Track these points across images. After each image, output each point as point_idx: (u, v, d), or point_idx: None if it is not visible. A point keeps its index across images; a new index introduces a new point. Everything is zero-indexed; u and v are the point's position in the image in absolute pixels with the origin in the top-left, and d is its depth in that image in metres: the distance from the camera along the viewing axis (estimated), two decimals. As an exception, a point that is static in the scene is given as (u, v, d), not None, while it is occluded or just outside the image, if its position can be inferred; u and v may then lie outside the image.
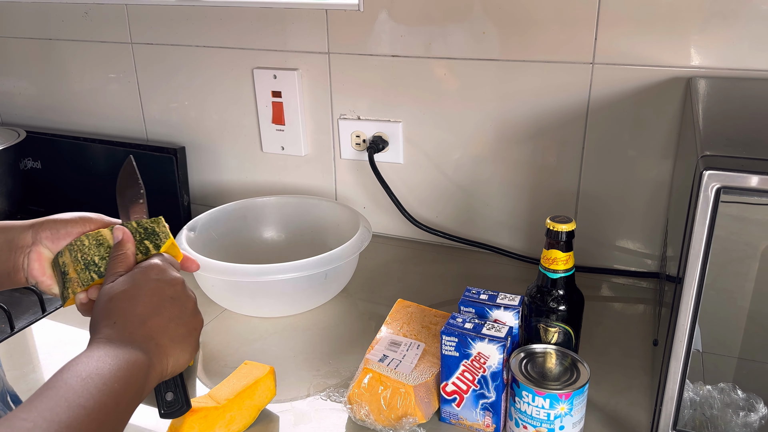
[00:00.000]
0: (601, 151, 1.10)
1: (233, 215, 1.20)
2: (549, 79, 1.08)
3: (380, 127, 1.23)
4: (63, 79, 1.48)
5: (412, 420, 0.77)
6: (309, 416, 0.83)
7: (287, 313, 1.05)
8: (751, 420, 0.72)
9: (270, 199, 1.23)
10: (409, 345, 0.85)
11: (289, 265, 0.97)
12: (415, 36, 1.14)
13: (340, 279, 1.07)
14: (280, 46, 1.25)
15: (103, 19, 1.37)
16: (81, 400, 0.49)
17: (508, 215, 1.20)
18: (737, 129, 0.76)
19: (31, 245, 0.69)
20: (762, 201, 0.64)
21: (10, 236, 0.69)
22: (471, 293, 0.85)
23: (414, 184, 1.25)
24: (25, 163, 1.50)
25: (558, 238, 0.80)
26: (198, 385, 0.90)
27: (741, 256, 0.68)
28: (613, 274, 1.14)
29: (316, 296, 1.06)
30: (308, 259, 0.98)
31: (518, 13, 1.06)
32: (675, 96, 1.02)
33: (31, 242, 0.69)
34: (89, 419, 0.49)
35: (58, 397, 0.49)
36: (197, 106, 1.37)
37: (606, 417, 0.82)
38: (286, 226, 1.23)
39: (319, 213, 1.21)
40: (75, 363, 0.53)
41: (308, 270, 0.98)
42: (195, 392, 0.88)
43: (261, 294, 1.02)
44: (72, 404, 0.49)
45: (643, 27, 1.00)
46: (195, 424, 0.75)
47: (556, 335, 0.83)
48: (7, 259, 0.69)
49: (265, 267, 0.98)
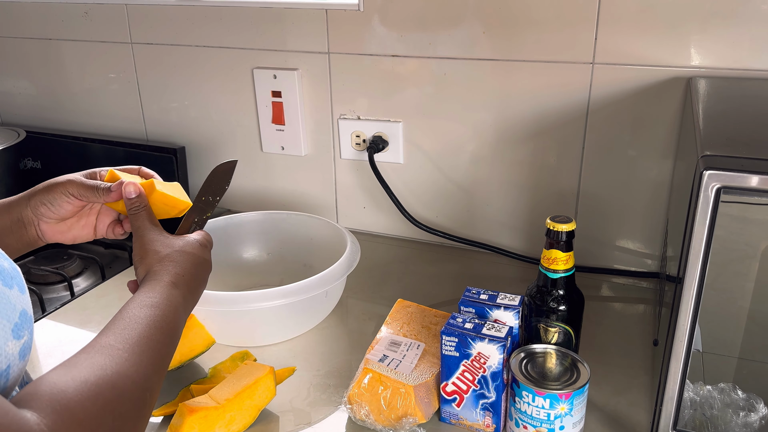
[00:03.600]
0: (601, 151, 1.10)
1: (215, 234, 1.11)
2: (549, 79, 1.08)
3: (380, 127, 1.23)
4: (63, 79, 1.48)
5: (412, 420, 0.77)
6: (309, 416, 0.83)
7: (286, 338, 0.99)
8: (751, 420, 0.72)
9: (251, 215, 1.16)
10: (409, 345, 0.85)
11: (286, 288, 0.91)
12: (415, 36, 1.14)
13: (335, 296, 1.03)
14: (280, 46, 1.25)
15: (103, 19, 1.37)
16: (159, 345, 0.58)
17: (508, 215, 1.20)
18: (737, 129, 0.76)
19: (36, 220, 0.74)
20: (762, 201, 0.64)
21: (15, 215, 0.74)
22: (471, 293, 0.85)
23: (414, 184, 1.25)
24: (25, 163, 1.50)
25: (558, 238, 0.80)
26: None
27: (741, 256, 0.68)
28: (613, 274, 1.14)
29: (316, 315, 1.02)
30: (307, 279, 0.93)
31: (518, 13, 1.06)
32: (675, 96, 1.02)
33: (35, 217, 0.74)
34: (161, 361, 0.58)
35: (143, 336, 0.57)
36: (197, 106, 1.37)
37: (606, 417, 0.82)
38: (266, 244, 1.16)
39: (297, 230, 1.14)
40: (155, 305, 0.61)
41: (308, 292, 0.92)
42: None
43: (259, 320, 0.95)
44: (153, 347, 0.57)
45: (643, 27, 1.00)
46: (195, 424, 0.75)
47: (556, 335, 0.83)
48: (21, 236, 0.74)
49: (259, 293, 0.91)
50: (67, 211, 0.74)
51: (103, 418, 0.47)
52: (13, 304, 0.46)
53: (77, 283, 1.21)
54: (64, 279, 1.17)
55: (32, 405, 0.44)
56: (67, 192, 0.73)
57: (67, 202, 0.73)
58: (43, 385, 0.46)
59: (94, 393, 0.48)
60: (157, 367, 0.57)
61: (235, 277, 1.09)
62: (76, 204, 0.74)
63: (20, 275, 0.50)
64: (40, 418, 0.43)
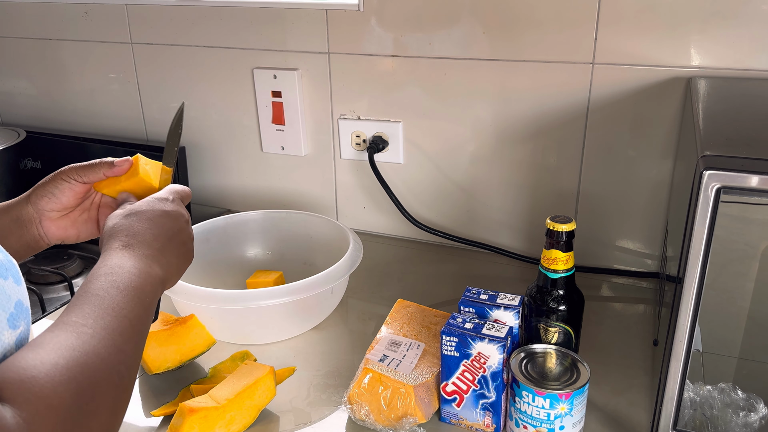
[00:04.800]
0: (601, 151, 1.10)
1: (214, 233, 1.12)
2: (549, 79, 1.08)
3: (380, 127, 1.23)
4: (63, 79, 1.48)
5: (412, 420, 0.77)
6: (309, 416, 0.83)
7: (290, 336, 1.00)
8: (751, 420, 0.72)
9: (251, 214, 1.16)
10: (409, 345, 0.85)
11: (292, 286, 0.92)
12: (415, 36, 1.14)
13: (338, 294, 1.03)
14: (280, 46, 1.25)
15: (103, 19, 1.37)
16: (125, 311, 0.55)
17: (508, 215, 1.20)
18: (737, 129, 0.76)
19: (37, 216, 0.74)
20: (762, 201, 0.64)
21: (14, 215, 0.73)
22: (471, 293, 0.85)
23: (414, 184, 1.25)
24: (25, 163, 1.50)
25: (558, 238, 0.80)
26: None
27: (741, 256, 0.68)
28: (613, 274, 1.14)
29: (320, 313, 1.02)
30: (313, 276, 0.93)
31: (518, 13, 1.06)
32: (675, 96, 1.02)
33: (36, 214, 0.73)
34: (132, 330, 0.55)
35: (104, 306, 0.54)
36: (197, 106, 1.37)
37: (606, 417, 0.82)
38: (267, 243, 1.16)
39: (297, 228, 1.14)
40: (109, 273, 0.58)
41: (313, 289, 0.93)
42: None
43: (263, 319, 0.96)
44: (118, 315, 0.54)
45: (643, 27, 1.00)
46: (195, 424, 0.75)
47: (556, 335, 0.83)
48: (23, 234, 0.73)
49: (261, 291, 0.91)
50: (69, 198, 0.74)
51: (79, 402, 0.46)
52: (8, 295, 0.47)
53: (77, 283, 1.21)
54: (64, 279, 1.17)
55: (3, 395, 0.43)
56: (67, 176, 0.73)
57: (68, 188, 0.73)
58: (10, 372, 0.44)
59: (66, 377, 0.46)
60: (127, 338, 0.54)
61: (236, 276, 1.10)
62: (77, 190, 0.74)
63: (16, 267, 0.49)
64: (15, 412, 0.42)
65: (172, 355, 0.90)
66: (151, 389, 0.89)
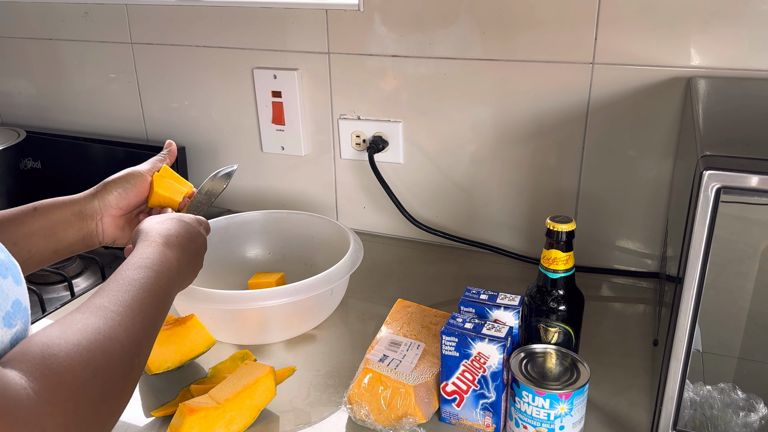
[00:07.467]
0: (601, 151, 1.10)
1: (215, 233, 1.09)
2: (549, 79, 1.08)
3: (380, 127, 1.23)
4: (63, 79, 1.49)
5: (412, 420, 0.77)
6: (309, 416, 0.83)
7: (290, 336, 0.99)
8: (751, 420, 0.72)
9: (252, 214, 1.15)
10: (409, 345, 0.85)
11: (292, 287, 0.92)
12: (415, 36, 1.14)
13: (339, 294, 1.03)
14: (280, 46, 1.25)
15: (103, 19, 1.37)
16: (151, 307, 0.58)
17: (508, 215, 1.20)
18: (737, 129, 0.76)
19: (101, 212, 0.79)
20: (762, 201, 0.64)
21: (77, 209, 0.78)
22: (471, 293, 0.85)
23: (414, 184, 1.25)
24: (25, 163, 1.50)
25: (558, 238, 0.80)
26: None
27: (741, 256, 0.68)
28: (613, 274, 1.14)
29: (321, 313, 1.02)
30: (314, 277, 0.93)
31: (518, 13, 1.06)
32: (675, 96, 1.02)
33: (100, 209, 0.79)
34: (152, 325, 0.58)
35: (137, 298, 0.57)
36: (197, 106, 1.37)
37: (606, 417, 0.82)
38: (268, 243, 1.16)
39: (298, 228, 1.14)
40: (149, 266, 0.62)
41: (314, 290, 0.93)
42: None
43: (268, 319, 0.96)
44: (146, 308, 0.57)
45: (643, 27, 1.00)
46: (195, 424, 0.75)
47: (556, 335, 0.83)
48: (80, 228, 0.78)
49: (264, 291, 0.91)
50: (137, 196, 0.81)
51: (92, 383, 0.47)
52: (6, 293, 0.47)
53: (77, 283, 1.21)
54: (64, 279, 1.17)
55: (21, 366, 0.44)
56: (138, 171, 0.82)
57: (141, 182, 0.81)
58: (34, 346, 0.46)
59: (85, 358, 0.48)
60: (147, 332, 0.57)
61: (237, 276, 1.10)
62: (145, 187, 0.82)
63: (17, 267, 0.50)
64: (27, 381, 0.43)
65: (172, 355, 0.90)
66: (151, 389, 0.89)
